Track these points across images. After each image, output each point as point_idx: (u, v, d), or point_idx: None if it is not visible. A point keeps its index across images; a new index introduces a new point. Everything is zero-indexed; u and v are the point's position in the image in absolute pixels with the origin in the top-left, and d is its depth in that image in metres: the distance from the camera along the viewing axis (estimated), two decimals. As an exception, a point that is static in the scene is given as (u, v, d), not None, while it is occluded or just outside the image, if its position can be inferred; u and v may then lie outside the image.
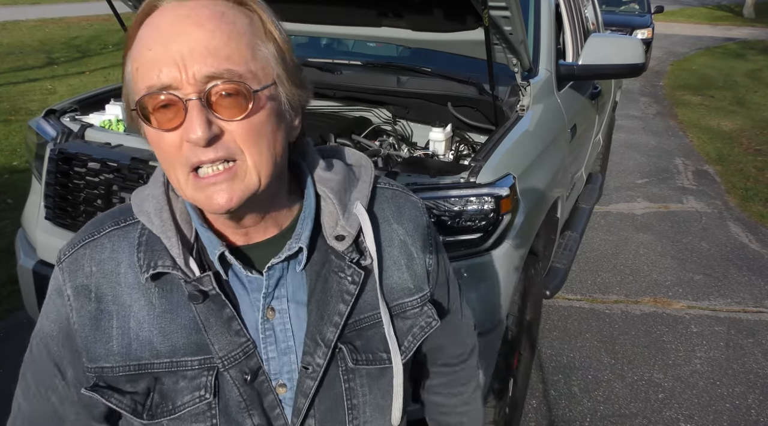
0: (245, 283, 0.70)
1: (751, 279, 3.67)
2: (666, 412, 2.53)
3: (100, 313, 0.68)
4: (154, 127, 0.60)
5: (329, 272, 0.71)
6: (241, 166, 0.61)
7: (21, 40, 11.16)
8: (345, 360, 0.72)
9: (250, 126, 0.61)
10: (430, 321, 0.79)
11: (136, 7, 2.48)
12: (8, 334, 2.87)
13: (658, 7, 11.93)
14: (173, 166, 0.62)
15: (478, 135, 2.30)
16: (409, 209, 0.79)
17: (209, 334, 0.68)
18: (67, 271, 0.70)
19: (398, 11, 2.14)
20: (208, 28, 0.58)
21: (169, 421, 0.69)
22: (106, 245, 0.70)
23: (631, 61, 2.58)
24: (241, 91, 0.59)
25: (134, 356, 0.68)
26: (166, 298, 0.68)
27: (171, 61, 0.58)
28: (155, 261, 0.67)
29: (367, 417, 0.75)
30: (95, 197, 1.99)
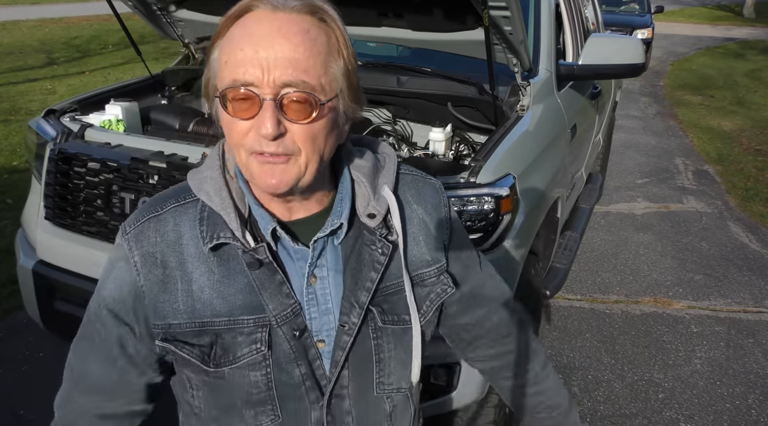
0: (291, 253, 0.81)
1: (751, 279, 3.67)
2: (666, 412, 2.53)
3: (166, 277, 0.78)
4: (230, 114, 0.71)
5: (362, 245, 0.82)
6: (296, 159, 0.72)
7: (21, 40, 11.16)
8: (375, 320, 0.84)
9: (311, 130, 0.71)
10: (446, 288, 0.90)
11: (137, 7, 2.48)
12: (8, 334, 2.87)
13: (658, 7, 11.93)
14: (238, 148, 0.73)
15: (478, 135, 2.30)
16: (428, 192, 0.91)
17: (264, 296, 0.78)
18: (134, 241, 0.79)
19: (398, 11, 2.14)
20: (294, 42, 0.69)
21: (230, 370, 0.80)
22: (168, 220, 0.80)
23: (631, 61, 2.58)
24: (309, 100, 0.69)
25: (198, 315, 0.78)
26: (223, 266, 0.79)
27: (257, 64, 0.68)
28: (217, 233, 0.77)
29: (392, 369, 0.87)
30: (95, 197, 1.99)
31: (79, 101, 2.41)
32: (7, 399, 2.46)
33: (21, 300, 2.28)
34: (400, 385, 0.89)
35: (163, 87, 2.79)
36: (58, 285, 2.08)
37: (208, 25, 2.56)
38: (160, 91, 2.78)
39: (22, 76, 8.30)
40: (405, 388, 0.90)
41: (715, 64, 11.78)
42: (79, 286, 2.01)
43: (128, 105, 2.40)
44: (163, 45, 9.51)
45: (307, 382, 0.82)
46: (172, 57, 6.51)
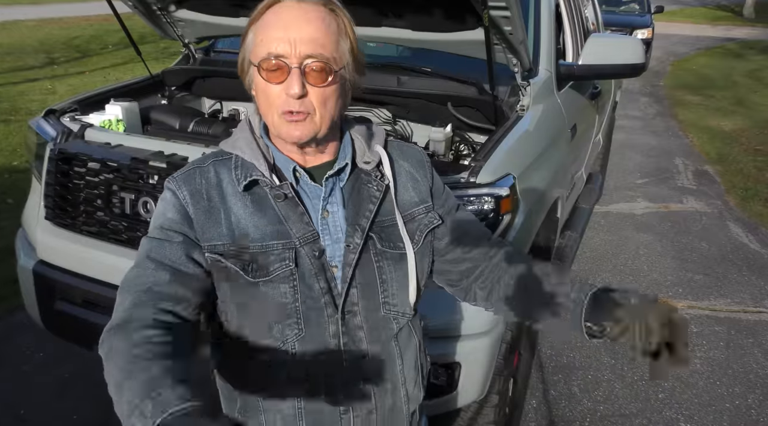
0: (308, 191, 0.99)
1: (751, 279, 3.67)
2: (666, 412, 2.53)
3: (211, 208, 0.96)
4: (265, 79, 0.91)
5: (361, 184, 1.02)
6: (312, 116, 0.92)
7: (21, 40, 11.16)
8: (375, 244, 1.01)
9: (326, 92, 0.92)
10: (433, 220, 1.08)
11: (137, 7, 2.48)
12: (8, 334, 2.87)
13: (658, 7, 11.93)
14: (271, 109, 0.93)
15: (478, 135, 2.30)
16: (411, 152, 1.12)
17: (289, 223, 0.96)
18: (182, 181, 0.98)
19: (398, 11, 2.14)
20: (315, 25, 0.90)
21: (264, 283, 0.95)
22: (210, 169, 0.99)
23: (631, 61, 2.58)
24: (326, 68, 0.90)
25: (237, 239, 0.95)
26: (256, 202, 0.97)
27: (287, 41, 0.89)
28: (250, 173, 0.97)
29: (394, 290, 1.03)
30: (95, 197, 1.99)
31: (79, 101, 2.41)
32: (7, 399, 2.46)
33: (21, 300, 2.28)
34: (404, 310, 1.04)
35: (163, 87, 2.79)
36: (58, 285, 2.08)
37: (208, 25, 2.56)
38: (160, 91, 2.78)
39: (22, 76, 8.30)
40: (408, 314, 1.05)
41: (715, 64, 11.78)
42: (79, 286, 2.01)
43: (128, 105, 2.40)
44: (163, 45, 9.51)
45: (326, 296, 0.97)
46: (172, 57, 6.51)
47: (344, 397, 1.00)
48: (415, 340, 1.09)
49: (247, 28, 0.95)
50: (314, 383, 0.99)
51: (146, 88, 2.72)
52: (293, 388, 0.99)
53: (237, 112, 2.82)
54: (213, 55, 2.95)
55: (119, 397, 0.77)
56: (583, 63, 2.60)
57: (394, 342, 1.04)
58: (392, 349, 1.04)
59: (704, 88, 9.51)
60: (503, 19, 1.87)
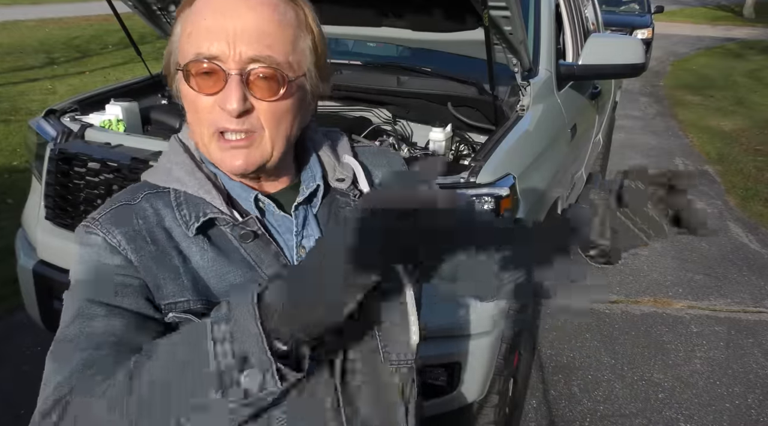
0: (276, 225, 0.78)
1: (751, 279, 3.66)
2: (666, 412, 2.53)
3: (160, 253, 0.72)
4: (194, 89, 0.68)
5: (337, 207, 0.82)
6: (259, 137, 0.70)
7: (21, 40, 11.16)
8: None
9: (277, 108, 0.69)
10: None
11: (137, 7, 2.48)
12: (8, 334, 2.87)
13: (658, 7, 11.93)
14: (201, 125, 0.70)
15: (478, 135, 2.30)
16: (381, 156, 0.92)
17: (262, 268, 0.74)
18: (110, 224, 0.71)
19: (398, 11, 2.14)
20: (262, 14, 0.67)
21: None
22: (146, 206, 0.74)
23: (631, 61, 2.58)
24: (276, 76, 0.67)
25: (202, 293, 0.72)
26: (214, 244, 0.74)
27: (222, 36, 0.66)
28: (203, 211, 0.73)
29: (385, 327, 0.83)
30: (95, 197, 1.99)
31: (79, 101, 2.41)
32: (7, 399, 2.46)
33: (21, 300, 2.28)
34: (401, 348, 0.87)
35: (163, 87, 2.79)
36: (58, 285, 2.08)
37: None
38: (160, 91, 2.78)
39: (22, 76, 8.30)
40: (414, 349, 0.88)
41: (715, 64, 11.78)
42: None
43: (128, 105, 2.40)
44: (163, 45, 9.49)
45: None
46: (172, 57, 6.50)
47: None
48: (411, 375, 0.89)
49: (176, 16, 0.73)
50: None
51: (146, 88, 2.72)
52: None
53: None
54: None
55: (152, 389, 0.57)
56: (583, 63, 2.60)
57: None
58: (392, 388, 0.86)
59: (704, 88, 9.50)
60: (503, 19, 1.87)
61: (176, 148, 0.79)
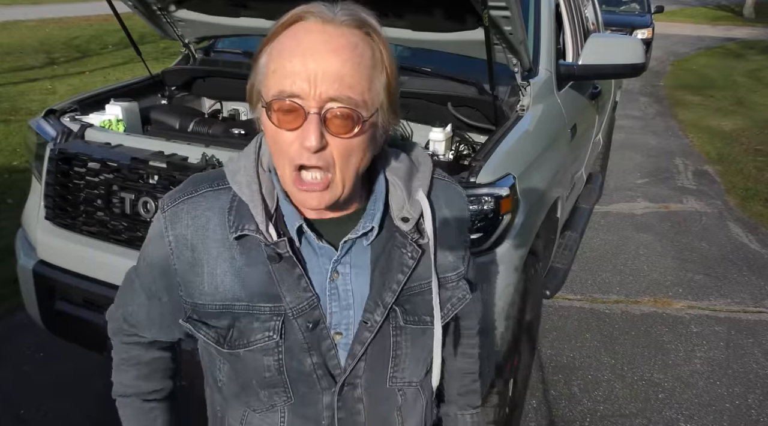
0: (316, 249, 0.83)
1: (751, 279, 3.67)
2: (666, 412, 2.53)
3: (194, 260, 0.83)
4: (276, 124, 0.73)
5: (393, 247, 0.85)
6: (333, 179, 0.75)
7: (21, 40, 11.16)
8: (397, 319, 0.87)
9: (350, 144, 0.73)
10: (465, 294, 0.93)
11: (137, 7, 2.48)
12: (8, 334, 2.87)
13: (658, 7, 11.93)
14: (282, 159, 0.75)
15: (478, 135, 2.30)
16: (457, 199, 0.94)
17: (282, 288, 0.81)
18: (170, 221, 0.84)
19: (398, 11, 2.14)
20: (342, 57, 0.70)
21: (245, 352, 0.84)
22: (201, 203, 0.84)
23: (631, 61, 2.58)
24: (352, 116, 0.72)
25: (220, 298, 0.83)
26: (246, 254, 0.82)
27: (305, 77, 0.70)
28: (243, 224, 0.81)
29: (406, 365, 0.90)
30: (95, 197, 1.99)
31: (79, 101, 2.41)
32: (8, 399, 2.46)
33: (21, 300, 2.28)
34: (411, 379, 0.92)
35: (163, 87, 2.79)
36: (58, 285, 2.08)
37: (208, 25, 2.56)
38: (160, 91, 2.78)
39: (22, 76, 8.30)
40: (416, 382, 0.93)
41: (715, 64, 11.78)
42: (79, 286, 2.01)
43: (128, 105, 2.40)
44: (163, 45, 9.50)
45: (319, 371, 0.85)
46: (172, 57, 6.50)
47: None
48: (422, 402, 0.97)
49: (261, 47, 0.77)
50: None
51: (146, 88, 2.71)
52: None
53: (237, 112, 2.82)
54: (213, 55, 2.95)
55: None
56: (583, 63, 2.60)
57: (396, 413, 0.93)
58: (393, 421, 0.93)
59: (704, 88, 9.51)
60: (503, 19, 1.87)
61: (251, 151, 0.85)
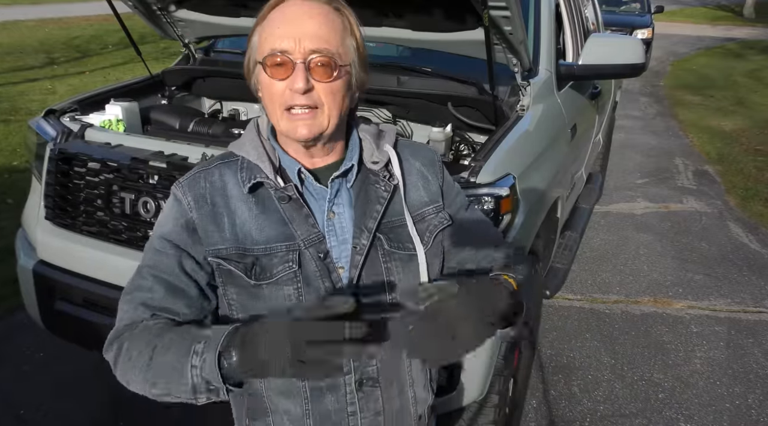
0: (313, 193, 0.99)
1: (751, 279, 3.67)
2: (666, 412, 2.53)
3: (215, 213, 0.97)
4: (270, 76, 0.91)
5: (368, 184, 1.01)
6: (320, 112, 0.92)
7: (21, 40, 11.16)
8: (383, 245, 1.00)
9: (331, 87, 0.91)
10: (443, 221, 1.07)
11: (137, 7, 2.48)
12: (8, 334, 2.87)
13: (658, 7, 11.93)
14: (275, 105, 0.92)
15: (478, 135, 2.30)
16: (423, 151, 1.12)
17: (293, 225, 0.96)
18: (187, 187, 0.99)
19: (398, 11, 2.14)
20: (319, 21, 0.90)
21: (268, 285, 0.96)
22: (215, 172, 1.00)
23: (631, 61, 2.58)
24: (330, 63, 0.90)
25: (240, 242, 0.96)
26: (260, 204, 0.97)
27: (291, 36, 0.89)
28: (254, 175, 0.97)
29: None
30: (95, 197, 1.99)
31: (79, 101, 2.41)
32: (8, 399, 2.46)
33: (21, 300, 2.28)
34: None
35: (163, 87, 2.79)
36: (58, 285, 2.08)
37: (208, 25, 2.56)
38: (160, 91, 2.78)
39: (22, 76, 8.30)
40: None
41: (715, 64, 11.78)
42: (79, 286, 2.01)
43: (128, 105, 2.40)
44: (163, 45, 9.50)
45: None
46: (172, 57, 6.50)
47: (352, 398, 1.01)
48: None
49: (253, 30, 0.95)
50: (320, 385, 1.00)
51: (146, 88, 2.71)
52: (301, 389, 1.00)
53: (237, 112, 2.82)
54: (213, 55, 2.95)
55: (159, 370, 0.86)
56: (583, 63, 2.60)
57: None
58: None
59: (704, 88, 9.51)
60: (503, 19, 1.87)
61: (251, 128, 1.03)
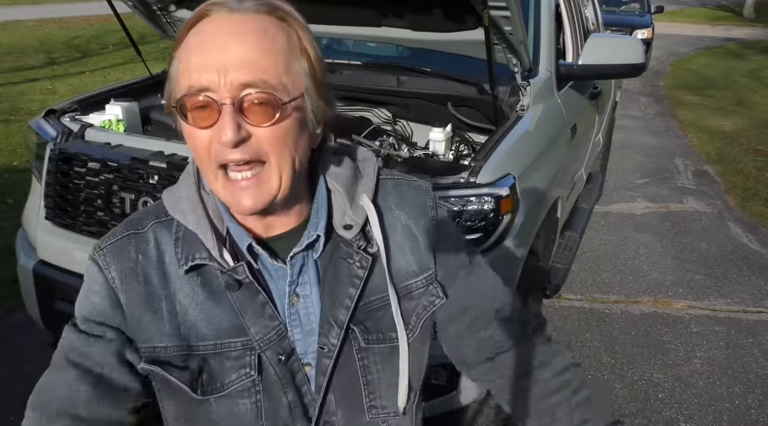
0: (271, 271, 0.76)
1: (751, 279, 3.66)
2: (666, 412, 2.53)
3: (149, 295, 0.74)
4: (190, 124, 0.67)
5: (338, 259, 0.77)
6: (266, 171, 0.68)
7: (21, 40, 11.15)
8: (358, 340, 0.78)
9: (276, 132, 0.67)
10: (434, 299, 0.83)
11: (137, 7, 2.48)
12: (8, 334, 2.87)
13: (658, 7, 11.93)
14: (203, 161, 0.69)
15: (478, 135, 2.30)
16: (412, 194, 0.84)
17: (246, 319, 0.74)
18: (110, 257, 0.75)
19: (398, 11, 2.14)
20: (250, 42, 0.65)
21: (217, 399, 0.75)
22: (150, 237, 0.76)
23: (631, 61, 2.58)
24: (270, 100, 0.66)
25: (184, 338, 0.74)
26: (207, 286, 0.74)
27: (213, 68, 0.65)
28: (192, 254, 0.74)
29: (383, 392, 0.81)
30: (95, 197, 1.99)
31: (80, 101, 2.41)
32: (8, 399, 2.46)
33: (21, 300, 2.28)
34: (396, 408, 0.82)
35: (163, 87, 2.79)
36: (58, 285, 2.08)
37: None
38: (160, 91, 2.78)
39: (22, 76, 8.30)
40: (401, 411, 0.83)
41: (715, 64, 11.77)
42: (79, 286, 2.01)
43: (128, 105, 2.41)
44: (163, 45, 9.50)
45: (296, 410, 0.76)
46: (172, 57, 6.50)
47: None
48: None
49: (171, 56, 0.72)
50: None
51: (146, 88, 2.72)
52: None
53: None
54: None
55: None
56: (583, 63, 2.60)
57: None
58: None
59: (704, 88, 9.50)
60: (503, 19, 1.87)
61: (188, 176, 0.79)
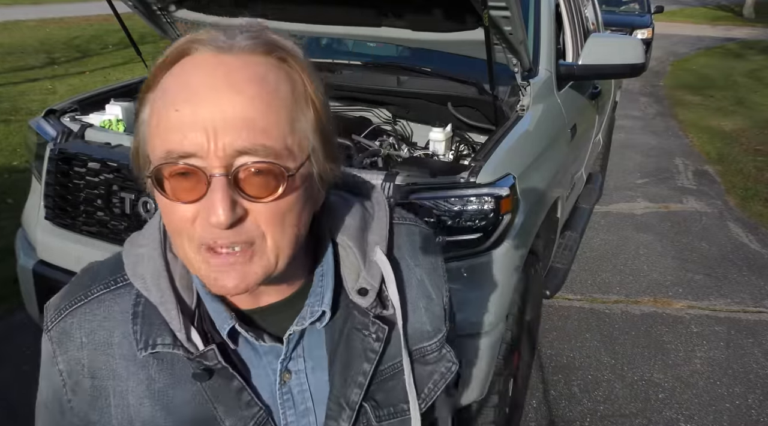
0: (257, 348, 0.64)
1: (751, 279, 3.66)
2: (666, 412, 2.53)
3: (95, 390, 0.62)
4: (169, 197, 0.52)
5: (352, 330, 0.65)
6: (260, 247, 0.55)
7: (21, 40, 11.15)
8: (369, 419, 0.67)
9: (278, 208, 0.54)
10: (450, 366, 0.73)
11: (137, 7, 2.48)
12: (8, 334, 2.87)
13: (658, 7, 11.92)
14: (181, 238, 0.55)
15: (478, 135, 2.30)
16: (424, 244, 0.73)
17: (219, 410, 0.61)
18: (57, 342, 0.63)
19: (398, 11, 2.14)
20: (248, 94, 0.51)
21: None
22: (96, 312, 0.62)
23: (631, 61, 2.58)
24: (274, 171, 0.52)
25: None
26: (167, 371, 0.61)
27: (200, 127, 0.50)
28: (153, 339, 0.60)
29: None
30: (95, 197, 1.99)
31: (79, 101, 2.41)
32: (8, 399, 2.46)
33: (21, 300, 2.28)
34: None
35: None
36: (58, 285, 2.06)
37: (208, 25, 2.56)
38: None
39: (22, 76, 8.30)
40: None
41: (715, 64, 11.77)
42: (79, 286, 2.01)
43: (128, 105, 2.41)
44: (163, 45, 9.48)
45: None
46: (172, 57, 6.49)
47: None
48: None
49: (141, 98, 0.56)
50: None
51: (146, 88, 2.71)
52: None
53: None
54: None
55: None
56: (583, 63, 2.60)
57: None
58: None
59: (704, 88, 9.50)
60: (503, 19, 1.87)
61: (153, 231, 0.63)
